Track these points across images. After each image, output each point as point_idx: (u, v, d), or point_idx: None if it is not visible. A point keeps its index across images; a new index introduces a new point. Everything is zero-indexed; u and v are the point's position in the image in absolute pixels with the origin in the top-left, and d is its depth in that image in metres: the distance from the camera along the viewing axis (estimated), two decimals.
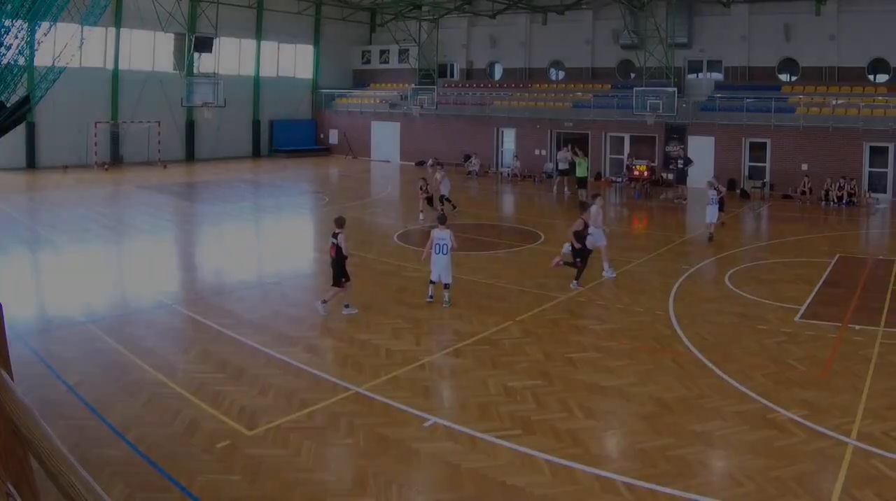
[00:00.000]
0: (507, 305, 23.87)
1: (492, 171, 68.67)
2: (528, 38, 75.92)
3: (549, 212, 46.94)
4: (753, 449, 13.77)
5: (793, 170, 54.97)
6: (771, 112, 56.57)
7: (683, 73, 67.16)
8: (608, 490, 12.38)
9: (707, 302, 24.43)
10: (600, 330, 21.46)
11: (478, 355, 19.06)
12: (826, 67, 60.69)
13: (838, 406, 15.81)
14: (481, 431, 14.47)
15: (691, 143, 59.26)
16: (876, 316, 22.74)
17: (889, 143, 52.48)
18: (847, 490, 12.29)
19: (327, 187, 57.48)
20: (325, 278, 24.56)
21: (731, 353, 19.41)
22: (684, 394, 16.44)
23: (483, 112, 71.20)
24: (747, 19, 63.53)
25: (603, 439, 14.50)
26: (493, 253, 32.21)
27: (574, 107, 67.13)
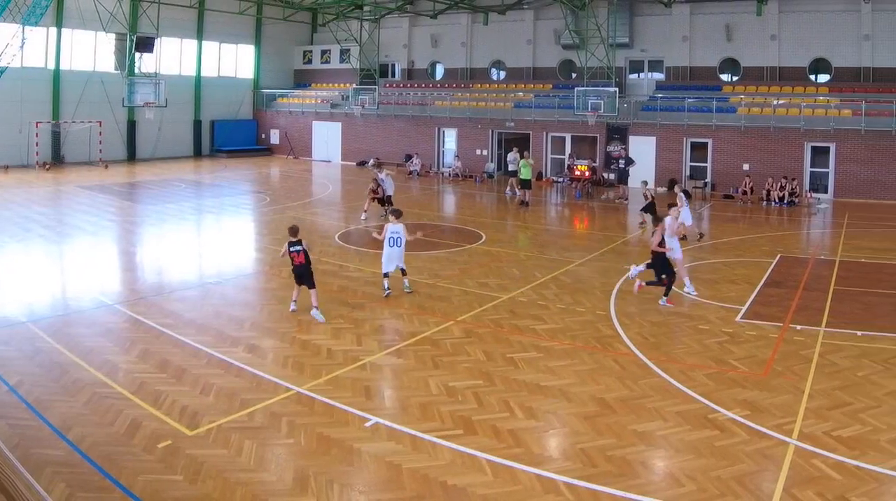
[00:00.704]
0: (449, 305, 23.89)
1: (433, 171, 68.72)
2: (470, 38, 76.16)
3: (490, 212, 46.97)
4: (695, 449, 13.86)
5: (734, 170, 55.51)
6: (712, 112, 57.06)
7: (625, 73, 67.65)
8: (549, 490, 12.40)
9: (648, 302, 24.48)
10: (541, 330, 21.48)
11: (419, 355, 19.06)
12: (767, 67, 61.30)
13: (779, 406, 15.93)
14: (423, 431, 14.48)
15: (632, 143, 59.55)
16: (817, 317, 22.93)
17: (830, 143, 53.07)
18: (788, 490, 12.39)
19: (269, 187, 57.14)
20: (265, 277, 24.81)
21: (672, 353, 19.55)
22: (626, 394, 16.50)
23: (424, 112, 71.25)
24: (689, 19, 64.07)
25: (544, 439, 14.48)
26: (434, 253, 32.08)
27: (515, 107, 67.30)
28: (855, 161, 52.06)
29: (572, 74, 69.46)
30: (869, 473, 13.00)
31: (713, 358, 19.13)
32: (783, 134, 54.22)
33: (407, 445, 13.97)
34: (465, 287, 26.29)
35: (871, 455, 13.65)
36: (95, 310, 22.75)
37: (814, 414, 15.53)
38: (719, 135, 56.80)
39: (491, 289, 25.88)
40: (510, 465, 13.22)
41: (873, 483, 12.71)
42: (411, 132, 71.99)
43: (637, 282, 25.29)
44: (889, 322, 22.58)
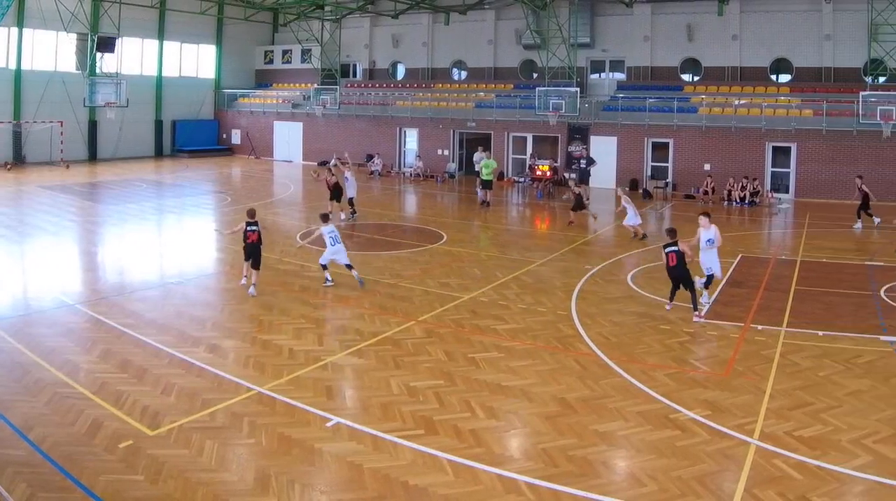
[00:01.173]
0: (410, 305, 23.92)
1: (394, 171, 68.61)
2: (431, 38, 76.18)
3: (452, 212, 46.95)
4: (656, 449, 13.90)
5: (695, 170, 55.73)
6: (674, 112, 57.26)
7: (586, 73, 67.82)
8: (511, 490, 12.43)
9: (609, 302, 24.56)
10: (503, 330, 21.52)
11: (380, 355, 19.10)
12: (729, 67, 61.61)
13: (741, 406, 16.01)
14: (384, 431, 14.50)
15: (594, 143, 59.71)
16: (778, 316, 23.07)
17: (791, 143, 53.38)
18: (749, 490, 12.44)
19: (230, 187, 56.90)
20: (227, 277, 25.14)
21: (633, 353, 19.58)
22: (587, 394, 16.53)
23: (385, 112, 71.13)
24: (650, 19, 64.34)
25: (505, 439, 14.50)
26: (395, 253, 32.08)
27: (477, 107, 67.30)
28: (816, 161, 52.36)
29: (533, 74, 69.60)
30: (830, 473, 13.07)
31: (674, 358, 19.21)
32: (744, 134, 54.52)
33: (368, 445, 13.98)
34: (427, 287, 26.32)
35: (833, 455, 13.72)
36: (57, 310, 22.64)
37: (775, 414, 15.61)
38: (680, 135, 57.04)
39: (452, 289, 25.90)
40: (471, 465, 13.24)
41: (834, 483, 12.78)
42: (372, 132, 71.88)
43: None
44: (850, 322, 22.73)
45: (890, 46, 51.04)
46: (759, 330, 21.77)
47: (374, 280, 26.81)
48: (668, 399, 16.31)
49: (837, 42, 57.76)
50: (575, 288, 26.42)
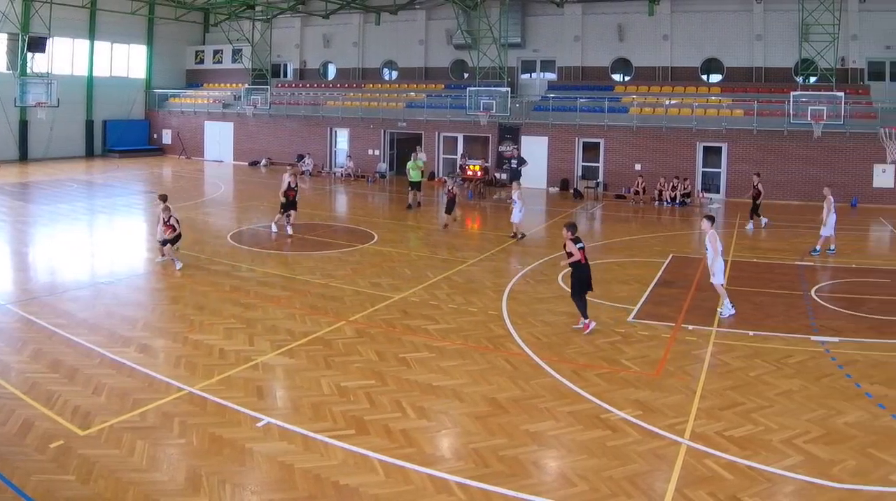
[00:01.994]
0: (341, 305, 23.86)
1: (325, 171, 68.66)
2: (362, 38, 76.23)
3: (382, 212, 46.93)
4: (587, 449, 13.91)
5: (626, 170, 56.22)
6: (604, 112, 57.67)
7: (517, 73, 68.34)
8: (442, 490, 12.42)
9: (540, 301, 24.59)
10: (434, 330, 21.50)
11: (311, 355, 19.04)
12: (659, 67, 62.25)
13: (672, 406, 16.08)
14: (315, 431, 14.46)
15: (525, 143, 60.01)
16: (709, 317, 23.21)
17: (722, 143, 53.99)
18: (680, 490, 12.48)
19: (161, 187, 56.06)
20: (157, 277, 25.89)
21: (564, 353, 19.60)
22: (518, 394, 16.52)
23: (316, 112, 71.09)
24: (581, 19, 64.91)
25: (436, 439, 14.48)
26: (326, 253, 31.97)
27: (407, 107, 67.45)
28: (747, 161, 52.91)
29: (464, 74, 69.99)
30: (761, 473, 13.15)
31: (605, 358, 19.23)
32: (675, 134, 55.06)
33: (299, 445, 13.94)
34: (358, 287, 26.24)
35: (763, 455, 13.81)
36: None
37: (706, 414, 15.69)
38: (611, 135, 57.46)
39: (383, 289, 25.85)
40: (402, 465, 13.22)
41: (765, 483, 12.85)
42: (303, 132, 71.81)
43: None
44: (780, 321, 22.93)
45: (821, 46, 51.63)
46: (690, 329, 21.90)
47: (304, 280, 26.81)
48: (599, 399, 16.33)
49: (768, 42, 58.53)
50: (506, 289, 26.45)
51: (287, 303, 23.83)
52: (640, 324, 22.43)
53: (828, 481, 12.90)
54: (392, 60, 75.54)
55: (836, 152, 51.57)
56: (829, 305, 24.95)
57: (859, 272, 30.25)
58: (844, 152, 51.49)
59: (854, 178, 51.17)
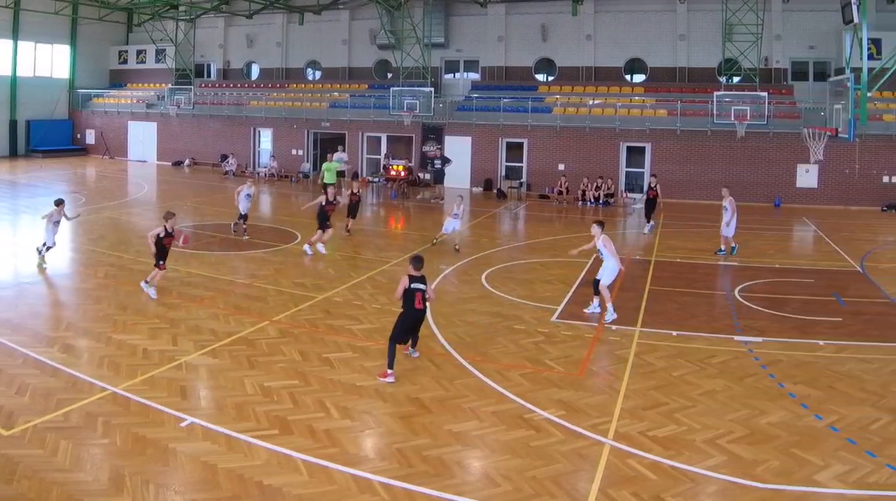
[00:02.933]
0: (264, 305, 23.80)
1: (249, 171, 68.11)
2: (285, 38, 75.94)
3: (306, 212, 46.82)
4: (510, 449, 13.94)
5: (550, 169, 56.54)
6: (528, 112, 57.98)
7: (440, 73, 68.44)
8: (365, 490, 12.40)
9: (464, 301, 24.63)
10: (357, 330, 21.49)
11: (235, 355, 18.96)
12: (583, 67, 62.67)
13: (595, 406, 16.15)
14: (238, 431, 14.41)
15: (448, 143, 60.12)
16: (632, 317, 23.35)
17: (646, 143, 54.55)
18: (604, 490, 12.53)
19: (84, 187, 55.55)
20: (81, 277, 25.88)
21: (488, 353, 19.64)
22: (441, 394, 16.54)
23: (240, 112, 70.79)
24: (504, 19, 65.18)
25: (360, 439, 14.48)
26: (250, 253, 31.84)
27: (331, 107, 67.37)
28: (670, 161, 53.48)
29: (388, 74, 69.98)
30: (684, 473, 13.25)
31: (529, 359, 19.29)
32: (599, 134, 55.48)
33: (222, 445, 13.88)
34: (281, 287, 26.18)
35: (687, 454, 13.92)
36: None
37: (629, 414, 15.78)
38: (535, 135, 57.74)
39: (306, 289, 25.79)
40: (326, 465, 13.20)
41: (688, 482, 12.95)
42: (227, 132, 71.48)
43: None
44: (703, 321, 23.15)
45: (744, 46, 52.33)
46: (614, 330, 22.01)
47: (228, 280, 26.72)
48: (523, 399, 16.36)
49: (692, 42, 59.15)
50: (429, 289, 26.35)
51: (210, 303, 23.69)
52: (563, 324, 22.48)
53: (751, 481, 13.01)
54: (315, 60, 75.30)
55: (759, 152, 52.23)
56: (752, 305, 25.20)
57: (783, 272, 30.60)
58: (768, 152, 52.17)
59: (778, 178, 51.87)
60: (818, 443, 14.52)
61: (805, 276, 29.68)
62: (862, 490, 12.76)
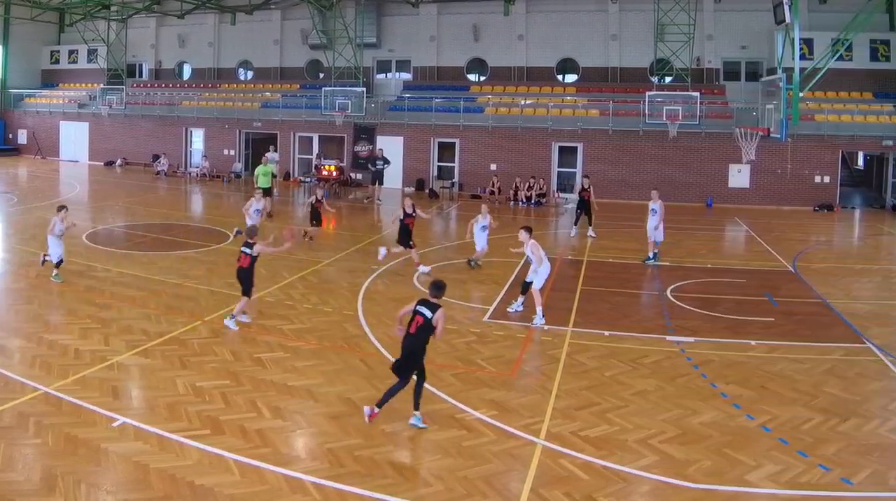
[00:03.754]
0: (196, 305, 23.76)
1: (180, 171, 67.86)
2: (217, 38, 75.47)
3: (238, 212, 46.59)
4: (442, 449, 14.00)
5: (482, 170, 56.75)
6: (460, 112, 58.03)
7: (372, 73, 68.41)
8: (297, 490, 12.42)
9: (396, 301, 24.50)
10: (289, 330, 21.48)
11: (166, 355, 18.91)
12: (515, 67, 62.87)
13: (527, 406, 16.23)
14: (170, 431, 14.38)
15: (380, 143, 59.75)
16: (565, 316, 23.49)
17: (578, 144, 54.78)
18: (536, 490, 12.61)
19: (16, 187, 54.77)
20: (13, 278, 25.91)
21: None
22: (373, 394, 16.40)
23: (172, 112, 70.21)
24: (436, 19, 65.27)
25: (291, 439, 14.50)
26: (182, 253, 31.71)
27: (263, 107, 67.11)
28: (602, 161, 53.79)
29: (320, 74, 69.77)
30: (616, 473, 13.35)
31: (461, 359, 19.36)
32: (531, 134, 55.72)
33: (154, 445, 13.85)
34: (213, 286, 26.12)
35: (619, 455, 14.02)
36: None
37: (561, 414, 15.86)
38: (467, 135, 57.86)
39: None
40: (257, 465, 13.22)
41: (620, 482, 13.05)
42: (159, 132, 70.86)
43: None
44: (635, 321, 23.34)
45: (676, 46, 52.75)
46: (546, 330, 22.13)
47: (160, 280, 26.56)
48: (455, 399, 16.45)
49: (624, 42, 59.57)
50: (361, 288, 26.50)
51: (142, 303, 23.54)
52: (495, 324, 22.59)
53: (683, 481, 13.14)
54: (247, 60, 74.97)
55: (691, 152, 52.74)
56: (684, 305, 25.43)
57: (715, 272, 30.89)
58: (700, 152, 52.69)
59: (710, 178, 52.38)
60: (750, 443, 14.68)
61: (737, 276, 29.96)
62: (794, 491, 12.91)
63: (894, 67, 55.17)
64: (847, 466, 13.76)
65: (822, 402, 16.94)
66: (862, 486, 13.11)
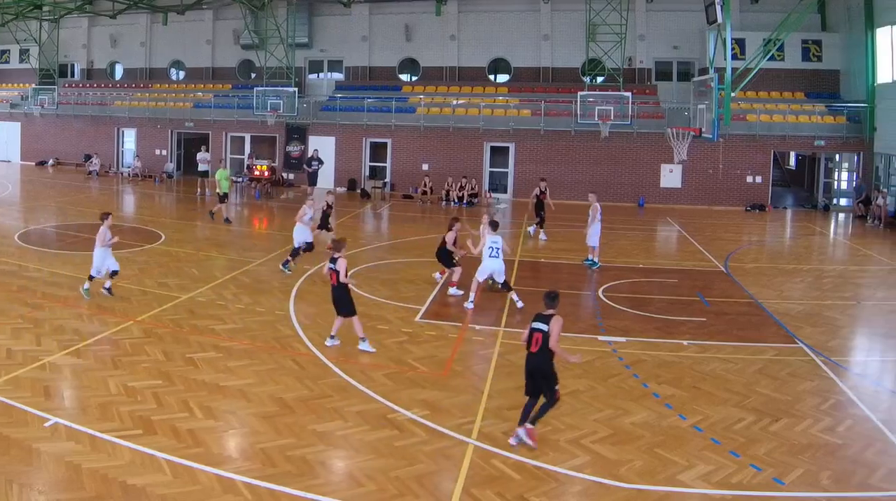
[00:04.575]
0: (129, 305, 23.60)
1: (112, 171, 67.54)
2: (149, 38, 74.83)
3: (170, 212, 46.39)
4: (374, 449, 14.00)
5: (414, 170, 56.87)
6: (392, 112, 58.01)
7: (304, 73, 68.28)
8: (229, 490, 12.40)
9: (328, 302, 24.21)
10: (221, 330, 21.43)
11: (99, 355, 18.81)
12: (447, 67, 62.98)
13: (459, 406, 16.28)
14: (102, 431, 14.30)
15: (312, 143, 59.97)
16: (497, 317, 23.61)
17: (510, 143, 54.91)
18: (468, 490, 12.64)
19: None
20: None
21: (352, 353, 19.68)
22: (305, 394, 16.54)
23: (104, 112, 69.64)
24: (368, 19, 65.32)
25: (224, 439, 14.47)
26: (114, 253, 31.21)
27: (195, 107, 66.80)
28: (534, 161, 54.09)
29: (252, 74, 69.56)
30: (548, 473, 13.42)
31: (393, 359, 19.37)
32: (462, 134, 55.93)
33: (86, 445, 13.76)
34: (145, 287, 25.98)
35: (551, 455, 14.08)
36: None
37: (493, 414, 15.92)
38: (399, 135, 58.01)
39: (170, 289, 25.62)
40: (190, 465, 13.16)
41: (552, 482, 13.12)
42: (91, 132, 70.28)
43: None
44: (568, 321, 22.90)
45: (608, 47, 53.11)
46: (478, 330, 22.25)
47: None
48: (387, 399, 16.43)
49: (556, 42, 59.88)
50: (293, 289, 26.46)
51: (74, 304, 23.42)
52: (427, 324, 22.63)
53: (615, 481, 13.22)
54: (179, 60, 74.51)
55: (623, 152, 53.20)
56: (616, 305, 25.63)
57: (646, 272, 31.17)
58: (632, 152, 53.18)
59: (642, 178, 52.83)
60: (682, 443, 14.80)
61: (669, 276, 30.24)
62: (726, 491, 13.03)
63: (826, 67, 56.16)
64: (779, 466, 13.91)
65: (753, 402, 17.11)
66: (793, 486, 13.25)
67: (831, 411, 16.69)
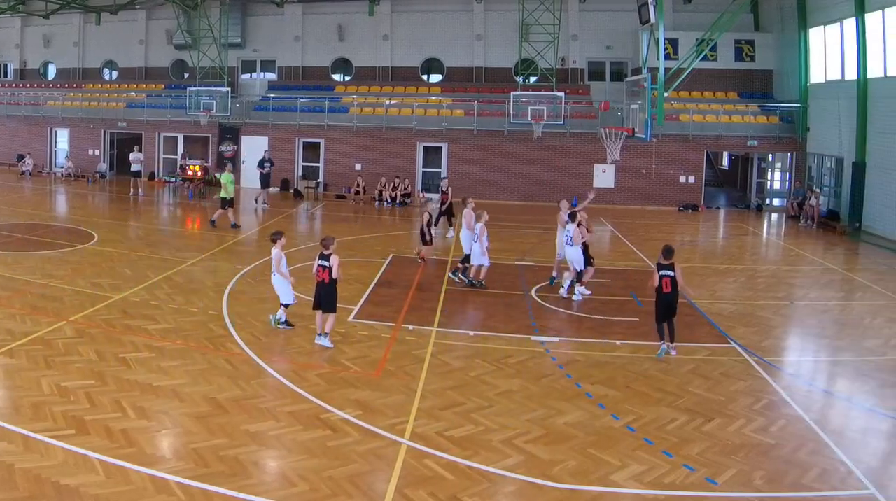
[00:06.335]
0: (61, 305, 23.42)
1: (45, 171, 66.96)
2: (82, 38, 74.16)
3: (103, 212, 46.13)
4: (307, 449, 14.00)
5: (347, 170, 56.79)
6: (324, 112, 57.92)
7: (237, 73, 68.11)
8: (162, 490, 12.34)
9: (261, 302, 24.49)
10: (154, 330, 21.32)
11: (31, 355, 18.65)
12: (380, 67, 63.11)
13: (392, 406, 16.30)
14: (35, 431, 14.21)
15: (245, 144, 59.98)
16: (430, 316, 23.63)
17: (443, 143, 54.97)
18: (401, 491, 12.66)
19: None
20: None
21: (284, 353, 19.78)
22: (238, 394, 16.53)
23: (37, 112, 68.82)
24: (301, 19, 65.34)
25: (157, 439, 14.39)
26: (46, 253, 31.24)
27: (128, 107, 66.22)
28: (467, 161, 54.30)
29: (185, 74, 69.24)
30: (481, 473, 13.46)
31: (325, 358, 19.41)
32: (395, 134, 55.99)
33: (19, 445, 13.67)
34: (78, 287, 25.76)
35: (483, 454, 14.13)
36: None
37: (426, 414, 15.96)
38: (332, 135, 57.98)
39: (103, 289, 25.46)
40: (123, 465, 13.08)
41: (485, 482, 13.16)
42: (23, 132, 69.55)
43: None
44: (500, 321, 23.51)
45: (541, 47, 53.37)
46: (411, 330, 22.26)
47: (25, 280, 26.18)
48: (320, 399, 16.44)
49: (489, 42, 60.11)
50: (226, 289, 26.40)
51: (7, 303, 23.21)
52: (360, 324, 22.65)
53: (548, 481, 13.28)
54: (112, 60, 73.95)
55: (557, 152, 53.42)
56: (549, 305, 25.81)
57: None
58: (565, 152, 53.44)
59: (575, 178, 52.99)
60: (615, 443, 14.89)
61: (602, 276, 30.17)
62: (659, 491, 13.13)
63: (759, 67, 56.88)
64: (711, 466, 14.03)
65: (686, 402, 17.26)
66: (726, 486, 13.37)
67: (764, 411, 16.87)
